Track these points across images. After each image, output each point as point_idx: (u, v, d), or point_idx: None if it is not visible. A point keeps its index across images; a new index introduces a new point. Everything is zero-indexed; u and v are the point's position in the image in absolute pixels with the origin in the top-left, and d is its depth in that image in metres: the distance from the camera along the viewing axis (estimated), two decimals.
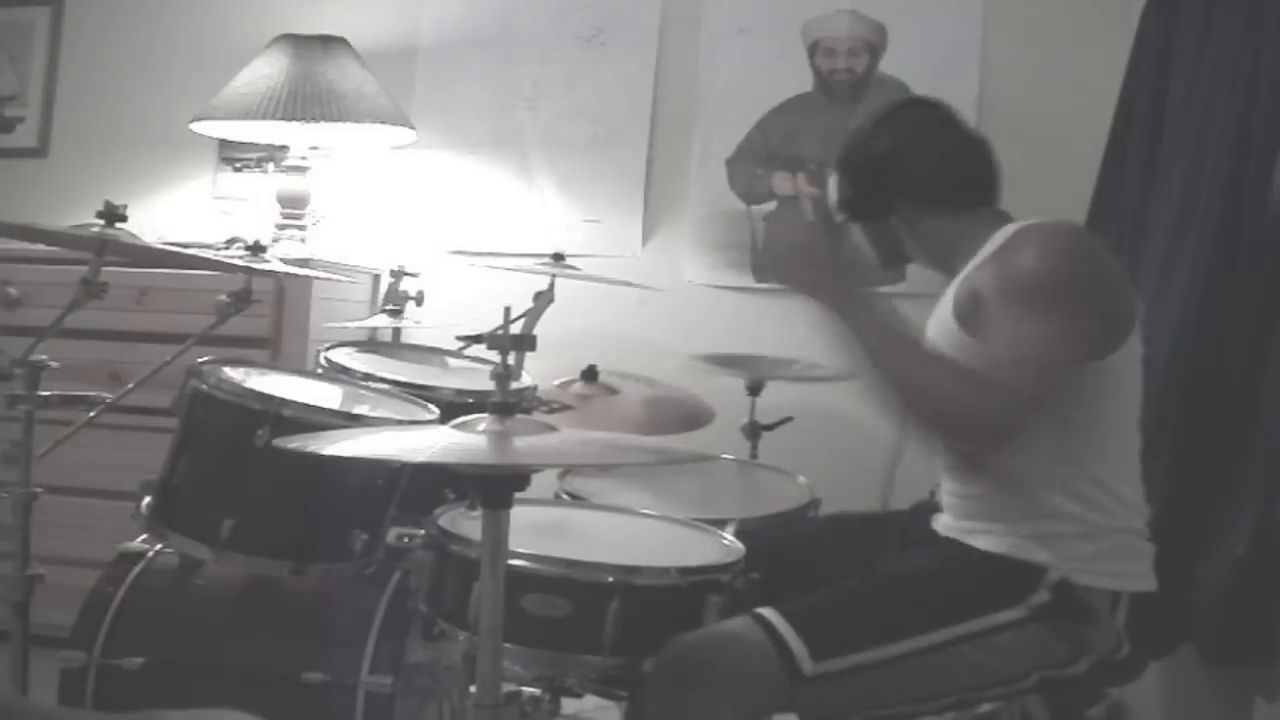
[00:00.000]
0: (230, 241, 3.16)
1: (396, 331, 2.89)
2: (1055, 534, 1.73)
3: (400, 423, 2.03)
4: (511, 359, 1.56)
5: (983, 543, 1.77)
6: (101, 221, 2.09)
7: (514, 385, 1.75)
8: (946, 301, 1.84)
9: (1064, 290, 1.69)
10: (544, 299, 2.78)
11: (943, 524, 1.87)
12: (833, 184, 2.02)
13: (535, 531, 1.82)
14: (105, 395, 2.22)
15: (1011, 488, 1.76)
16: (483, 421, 1.51)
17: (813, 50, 3.36)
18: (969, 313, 1.77)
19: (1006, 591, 1.71)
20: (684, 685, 1.65)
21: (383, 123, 3.29)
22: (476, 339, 1.61)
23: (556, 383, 2.69)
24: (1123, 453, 1.80)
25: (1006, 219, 1.88)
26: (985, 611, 1.69)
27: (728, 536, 1.92)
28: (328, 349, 2.41)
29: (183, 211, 3.68)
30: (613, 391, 2.70)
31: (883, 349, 1.71)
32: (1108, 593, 1.72)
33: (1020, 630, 1.69)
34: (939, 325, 1.85)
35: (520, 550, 1.67)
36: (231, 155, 3.69)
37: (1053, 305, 1.67)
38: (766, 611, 1.69)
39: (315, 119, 3.20)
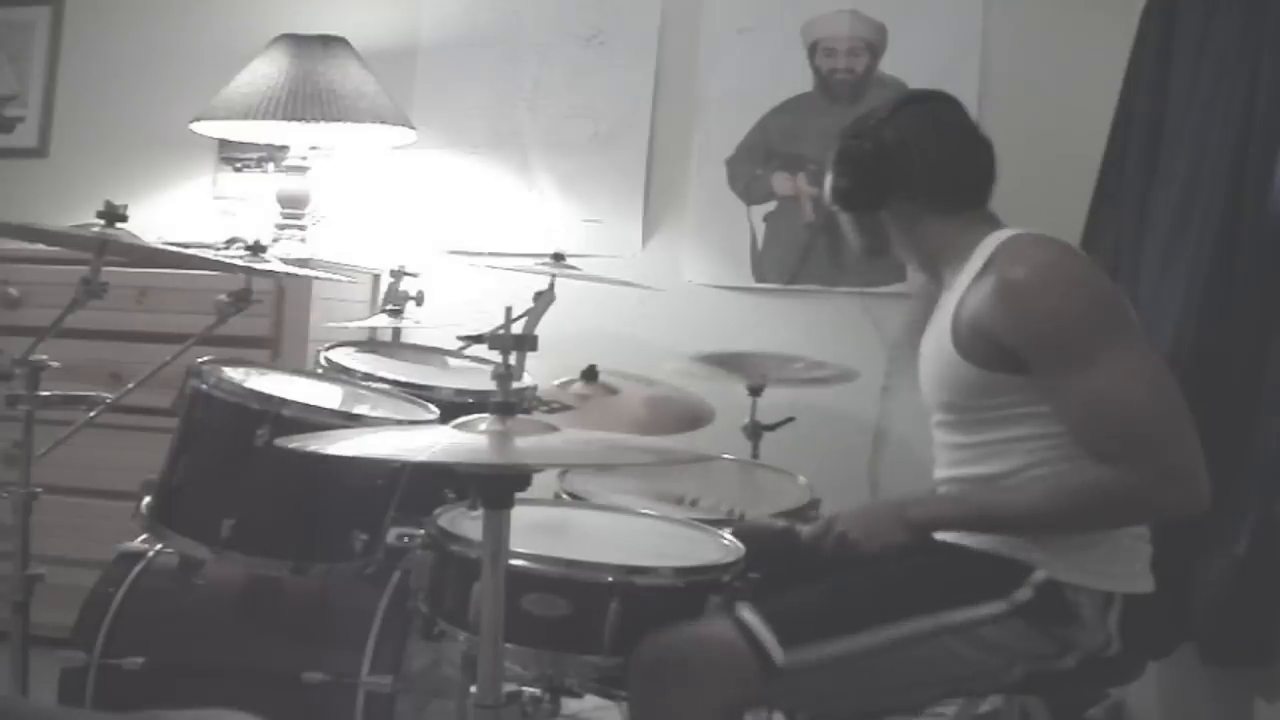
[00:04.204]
0: (230, 241, 3.15)
1: (396, 331, 2.89)
2: (1051, 536, 1.73)
3: (400, 423, 2.03)
4: (512, 359, 1.55)
5: (976, 542, 1.78)
6: (101, 221, 2.09)
7: (514, 385, 1.75)
8: (943, 326, 1.83)
9: (1102, 320, 1.70)
10: (544, 299, 2.78)
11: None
12: (829, 171, 1.99)
13: (535, 531, 1.82)
14: (105, 395, 2.22)
15: None
16: (483, 421, 1.51)
17: (813, 50, 3.36)
18: (973, 348, 1.76)
19: (989, 585, 1.71)
20: (658, 682, 1.66)
21: (383, 123, 3.29)
22: (477, 339, 1.61)
23: (556, 383, 2.68)
24: None
25: (994, 223, 1.88)
26: (966, 604, 1.70)
27: (727, 536, 1.92)
28: (328, 349, 2.40)
29: (183, 211, 3.68)
30: (613, 391, 2.69)
31: (994, 525, 1.76)
32: (1099, 593, 1.72)
33: (1001, 625, 1.70)
34: (938, 349, 1.84)
35: (520, 550, 1.67)
36: (231, 155, 3.69)
37: (1104, 340, 1.68)
38: (739, 607, 1.70)
39: (315, 119, 3.20)
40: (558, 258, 2.82)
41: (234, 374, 2.06)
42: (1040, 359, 1.71)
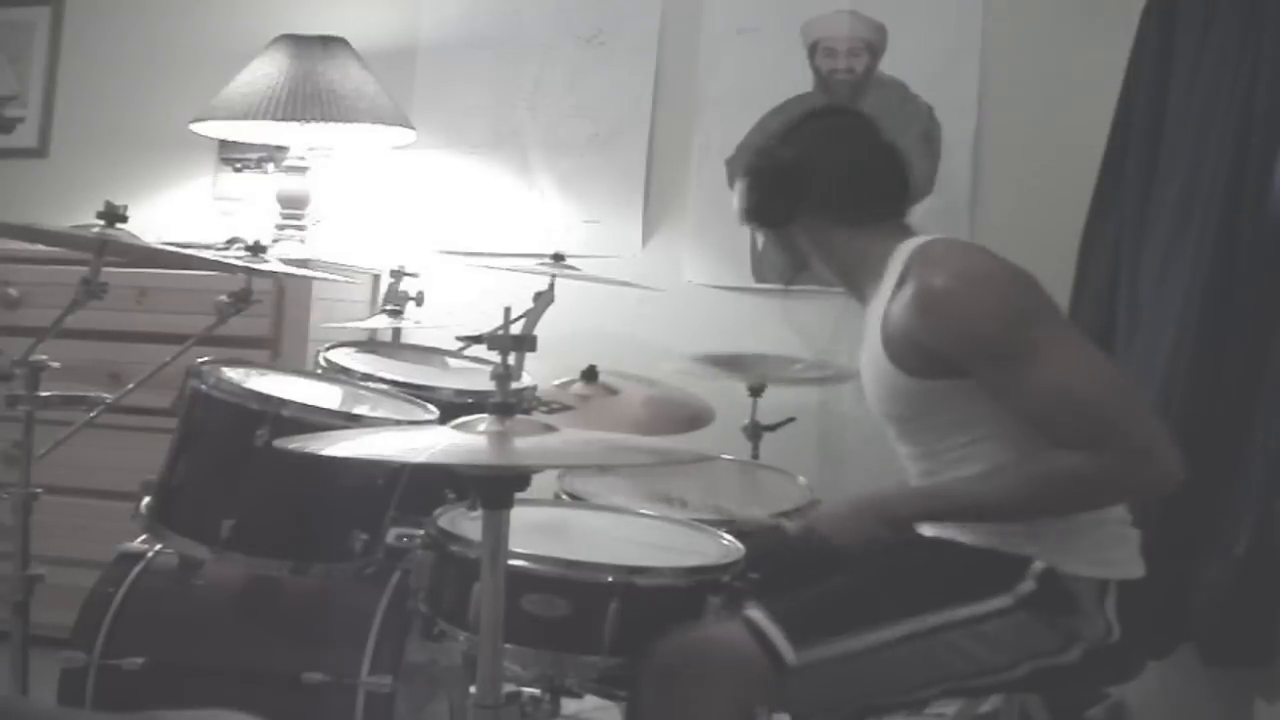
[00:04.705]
0: (230, 241, 3.15)
1: (396, 331, 2.89)
2: (1039, 527, 1.74)
3: (400, 423, 2.03)
4: (512, 359, 1.56)
5: (969, 538, 1.78)
6: (101, 221, 2.09)
7: (514, 386, 1.75)
8: (874, 340, 1.84)
9: (1035, 315, 1.71)
10: (544, 299, 2.78)
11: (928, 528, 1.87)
12: (737, 190, 2.00)
13: (535, 531, 1.82)
14: (105, 395, 2.22)
15: None
16: (483, 422, 1.51)
17: (813, 50, 3.36)
18: (905, 358, 1.77)
19: (993, 580, 1.72)
20: (672, 684, 1.66)
21: (383, 123, 3.29)
22: (477, 339, 1.60)
23: (556, 383, 2.68)
24: None
25: (907, 232, 1.88)
26: (971, 600, 1.70)
27: (727, 536, 1.92)
28: (327, 349, 2.40)
29: (183, 211, 3.68)
30: (613, 391, 2.69)
31: (966, 515, 1.77)
32: (1095, 581, 1.73)
33: (1007, 619, 1.70)
34: (873, 364, 1.85)
35: (520, 550, 1.67)
36: (231, 155, 3.69)
37: (1041, 334, 1.69)
38: (749, 609, 1.70)
39: (315, 119, 3.20)
40: (557, 258, 2.82)
41: (234, 374, 2.06)
42: (980, 363, 1.72)
